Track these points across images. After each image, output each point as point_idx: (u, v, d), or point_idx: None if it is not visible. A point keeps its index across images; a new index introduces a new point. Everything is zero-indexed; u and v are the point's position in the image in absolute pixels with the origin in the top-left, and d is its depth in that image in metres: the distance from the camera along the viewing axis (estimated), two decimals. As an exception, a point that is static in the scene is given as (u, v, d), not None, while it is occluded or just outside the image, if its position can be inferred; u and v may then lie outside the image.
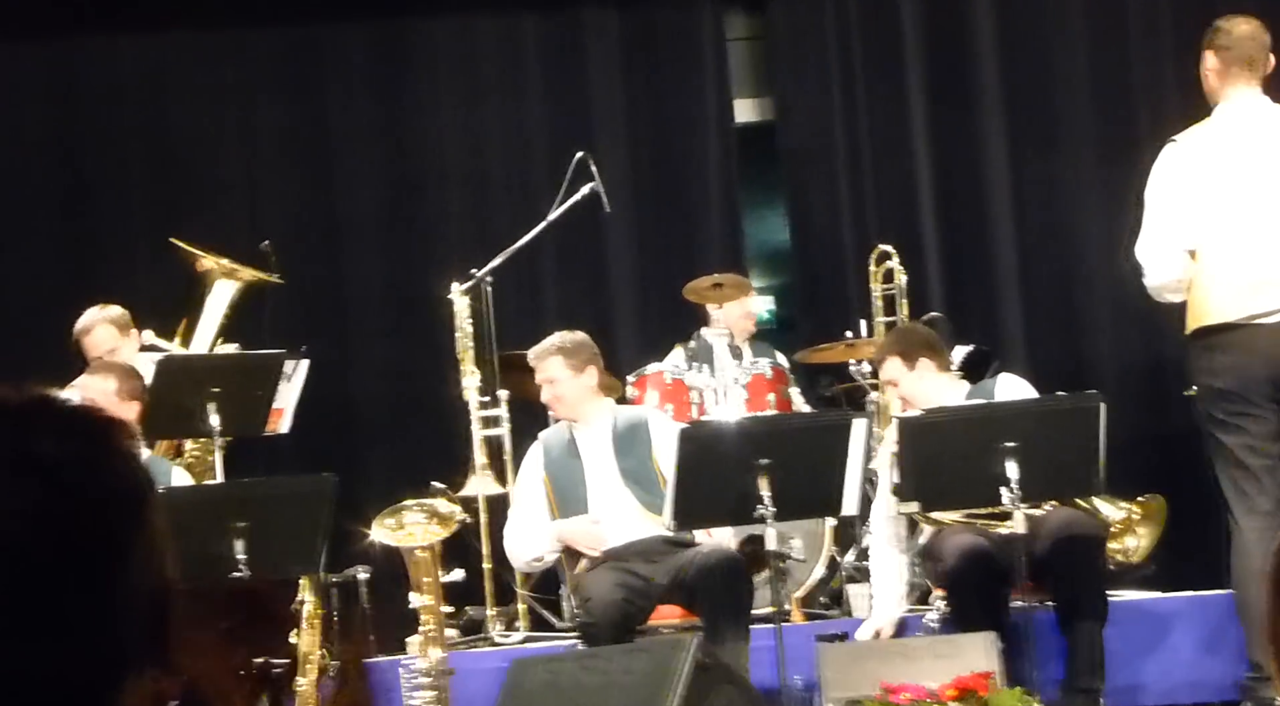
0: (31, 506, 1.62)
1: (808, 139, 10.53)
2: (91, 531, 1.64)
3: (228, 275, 8.47)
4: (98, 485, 1.66)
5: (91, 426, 1.69)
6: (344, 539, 7.34)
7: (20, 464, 1.63)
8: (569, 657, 6.60)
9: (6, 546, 1.61)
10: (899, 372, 7.51)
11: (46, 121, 9.97)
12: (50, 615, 1.63)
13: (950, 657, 6.61)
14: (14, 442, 1.64)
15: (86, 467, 1.66)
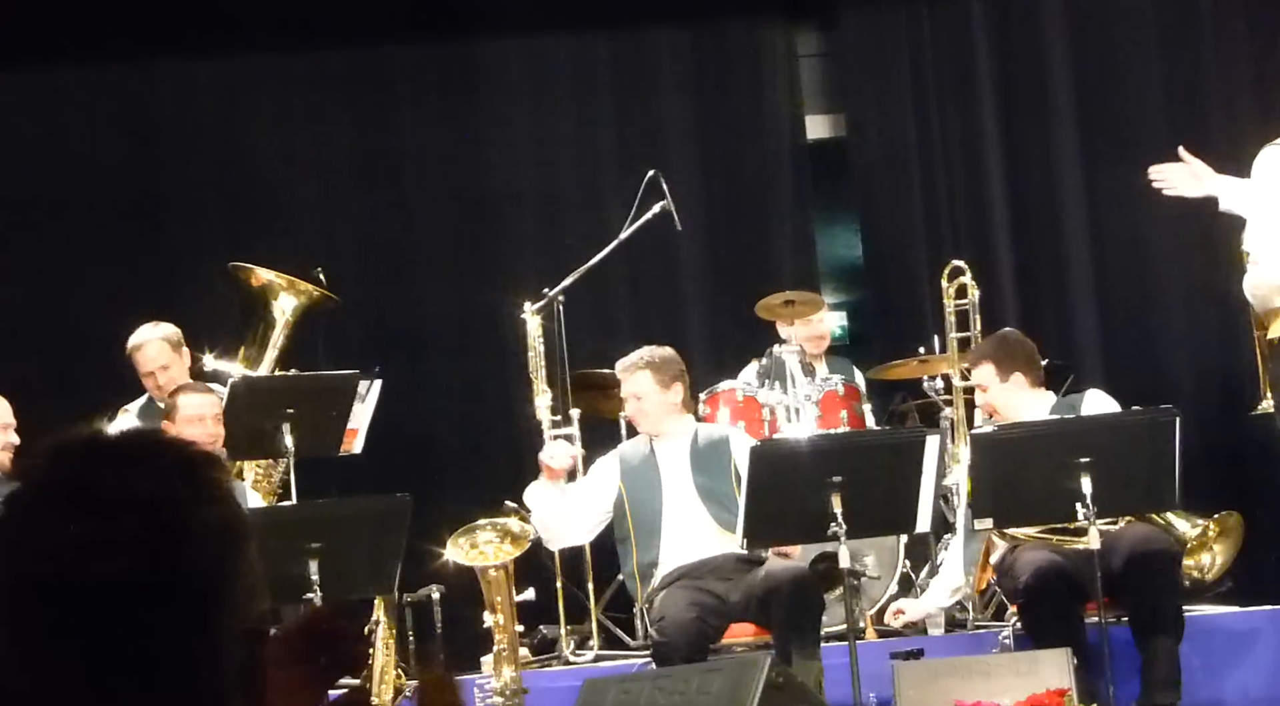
0: (131, 545, 1.64)
1: (880, 154, 10.50)
2: (189, 571, 1.66)
3: (288, 289, 8.49)
4: (197, 525, 1.68)
5: (191, 465, 1.71)
6: (418, 558, 7.36)
7: (121, 503, 1.65)
8: (643, 677, 6.58)
9: (105, 584, 1.63)
10: (990, 379, 7.49)
11: (122, 145, 10.05)
12: (146, 653, 1.65)
13: (1026, 675, 6.57)
14: (116, 481, 1.66)
15: (186, 507, 1.68)
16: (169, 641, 1.66)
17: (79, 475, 1.68)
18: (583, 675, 6.98)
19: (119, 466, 1.69)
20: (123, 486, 1.66)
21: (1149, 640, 6.97)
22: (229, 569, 1.70)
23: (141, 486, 1.67)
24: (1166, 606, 7.02)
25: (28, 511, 1.67)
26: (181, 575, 1.66)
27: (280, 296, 8.46)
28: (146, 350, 8.19)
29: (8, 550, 1.66)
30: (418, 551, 7.24)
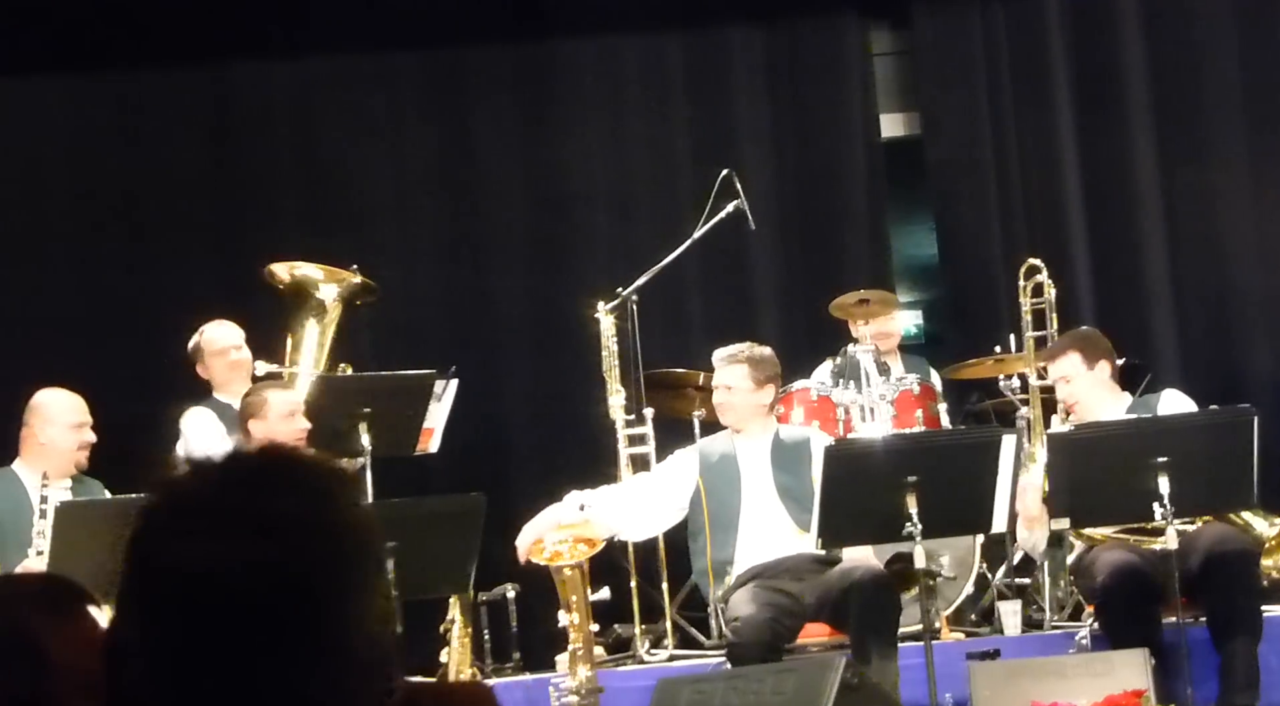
0: (264, 564, 1.66)
1: (955, 152, 10.47)
2: (321, 589, 1.68)
3: (326, 280, 8.50)
4: (329, 545, 1.70)
5: (328, 486, 1.73)
6: (493, 557, 7.38)
7: (256, 522, 1.67)
8: (717, 677, 6.57)
9: (240, 604, 1.65)
10: (1076, 370, 7.45)
11: (199, 147, 10.12)
12: (281, 669, 1.67)
13: (1103, 676, 6.54)
14: (251, 500, 1.68)
15: (319, 527, 1.69)
16: (294, 659, 1.68)
17: (214, 490, 1.70)
18: (657, 674, 6.98)
19: (254, 483, 1.71)
20: (255, 504, 1.69)
21: (1227, 641, 6.92)
22: (355, 586, 1.72)
23: (274, 505, 1.69)
24: (1245, 606, 6.97)
25: (161, 525, 1.70)
26: (309, 593, 1.68)
27: (318, 288, 8.48)
28: (223, 328, 8.21)
29: (141, 563, 1.69)
30: (493, 550, 7.25)
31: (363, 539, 1.73)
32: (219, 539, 1.66)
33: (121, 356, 9.44)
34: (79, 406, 7.37)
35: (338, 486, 1.74)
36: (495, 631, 8.38)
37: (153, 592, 1.68)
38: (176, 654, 1.66)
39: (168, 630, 1.66)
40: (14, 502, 7.22)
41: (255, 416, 7.44)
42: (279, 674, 1.67)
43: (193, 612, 1.65)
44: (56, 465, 7.24)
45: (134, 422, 8.58)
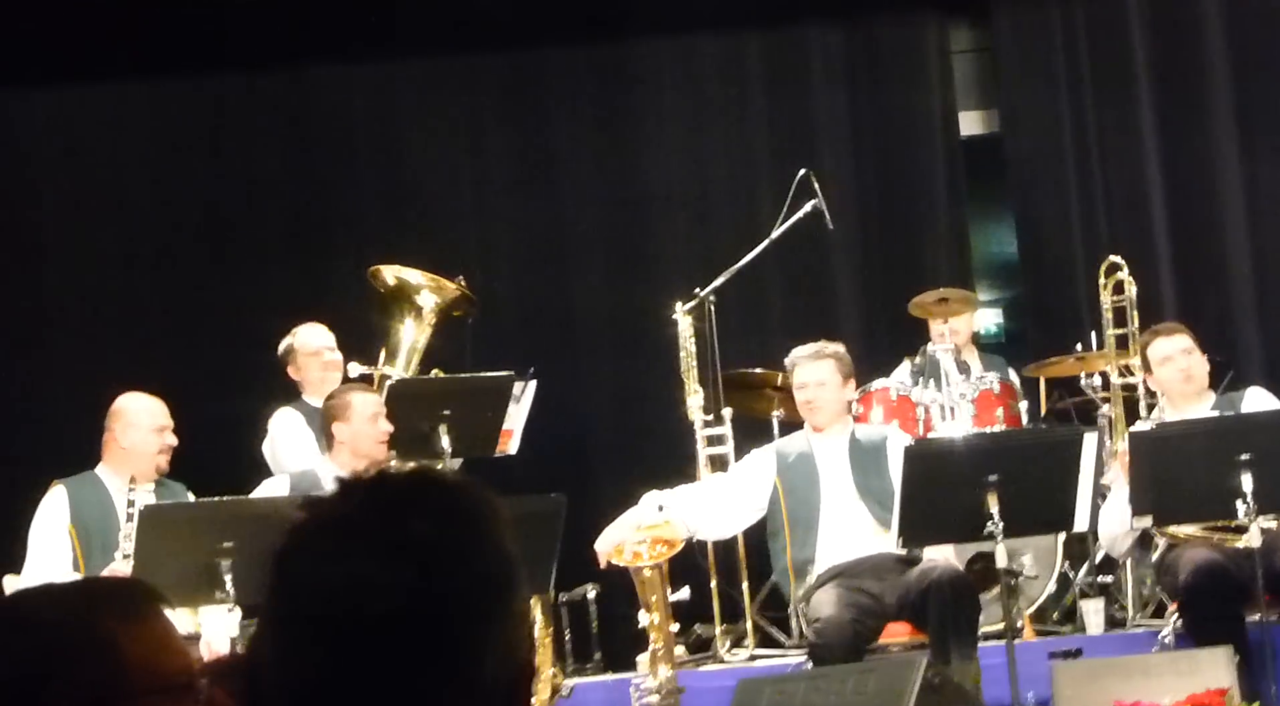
0: (404, 587, 1.68)
1: (1035, 149, 10.42)
2: (459, 616, 1.70)
3: (427, 287, 8.54)
4: (469, 570, 1.71)
5: (469, 510, 1.74)
6: (573, 558, 7.39)
7: (398, 545, 1.69)
8: (798, 677, 6.58)
9: (376, 626, 1.67)
10: (1193, 345, 7.45)
11: (280, 150, 10.19)
12: (415, 693, 1.69)
13: (1187, 674, 6.49)
14: (393, 524, 1.70)
15: (460, 552, 1.71)
16: (431, 680, 1.69)
17: (356, 510, 1.72)
18: (737, 674, 6.99)
19: (398, 507, 1.72)
20: (395, 525, 1.70)
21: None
22: (493, 616, 1.73)
23: (417, 529, 1.70)
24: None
25: (304, 543, 1.72)
26: (444, 620, 1.69)
27: (419, 294, 8.51)
28: (313, 331, 8.28)
29: (285, 581, 1.72)
30: (573, 550, 7.27)
31: (503, 567, 1.74)
32: (356, 559, 1.68)
33: (205, 360, 9.52)
34: (160, 410, 7.43)
35: (481, 512, 1.75)
36: (576, 631, 8.40)
37: (291, 610, 1.71)
38: (310, 672, 1.69)
39: (303, 647, 1.69)
40: (99, 508, 7.29)
41: (339, 419, 7.48)
42: (410, 696, 1.69)
43: (327, 631, 1.68)
44: (138, 469, 7.29)
45: (217, 426, 8.67)
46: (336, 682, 1.69)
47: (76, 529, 7.22)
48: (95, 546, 7.17)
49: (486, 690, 1.73)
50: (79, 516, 7.25)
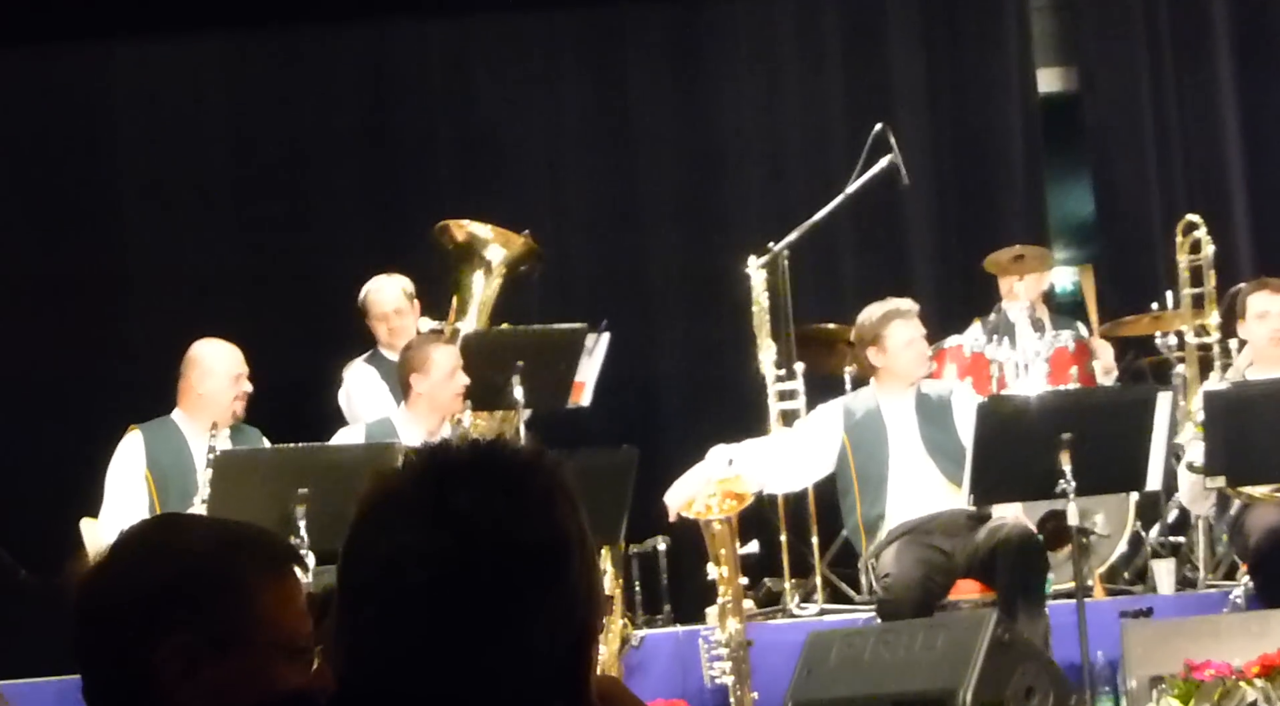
0: (443, 557, 1.74)
1: (1113, 108, 10.35)
2: (498, 585, 1.75)
3: (495, 241, 8.55)
4: (510, 541, 1.75)
5: (517, 482, 1.79)
6: (644, 510, 7.42)
7: (437, 516, 1.75)
8: (868, 632, 6.60)
9: (417, 594, 1.74)
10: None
11: (356, 103, 10.22)
12: (457, 660, 1.74)
13: (1258, 635, 6.47)
14: (437, 496, 1.76)
15: (500, 523, 1.75)
16: (472, 647, 1.74)
17: (411, 486, 1.79)
18: (806, 628, 7.01)
19: (445, 480, 1.78)
20: (445, 500, 1.76)
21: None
22: (537, 585, 1.76)
23: (459, 501, 1.75)
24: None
25: (367, 517, 1.80)
26: (482, 589, 1.74)
27: (487, 248, 8.53)
28: (385, 292, 8.35)
29: (348, 552, 1.81)
30: (644, 503, 7.30)
31: (552, 538, 1.78)
32: (401, 530, 1.75)
33: (282, 311, 9.57)
34: (237, 357, 7.48)
35: (532, 484, 1.79)
36: (646, 584, 8.42)
37: (348, 581, 1.78)
38: (365, 635, 1.76)
39: (360, 613, 1.77)
40: (175, 454, 7.35)
41: (418, 371, 7.52)
42: (453, 661, 1.74)
43: (376, 598, 1.75)
44: (215, 415, 7.35)
45: (295, 377, 8.74)
46: (380, 649, 1.75)
47: (153, 474, 7.30)
48: (172, 492, 7.24)
49: (539, 655, 1.76)
50: (155, 462, 7.32)
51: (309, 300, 9.45)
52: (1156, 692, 6.15)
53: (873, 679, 6.05)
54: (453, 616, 1.73)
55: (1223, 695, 5.73)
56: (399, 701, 1.74)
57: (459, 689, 1.74)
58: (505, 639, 1.74)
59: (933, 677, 5.90)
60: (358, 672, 1.77)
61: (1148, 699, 6.28)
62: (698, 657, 7.21)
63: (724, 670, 7.04)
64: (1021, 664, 5.97)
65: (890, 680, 6.00)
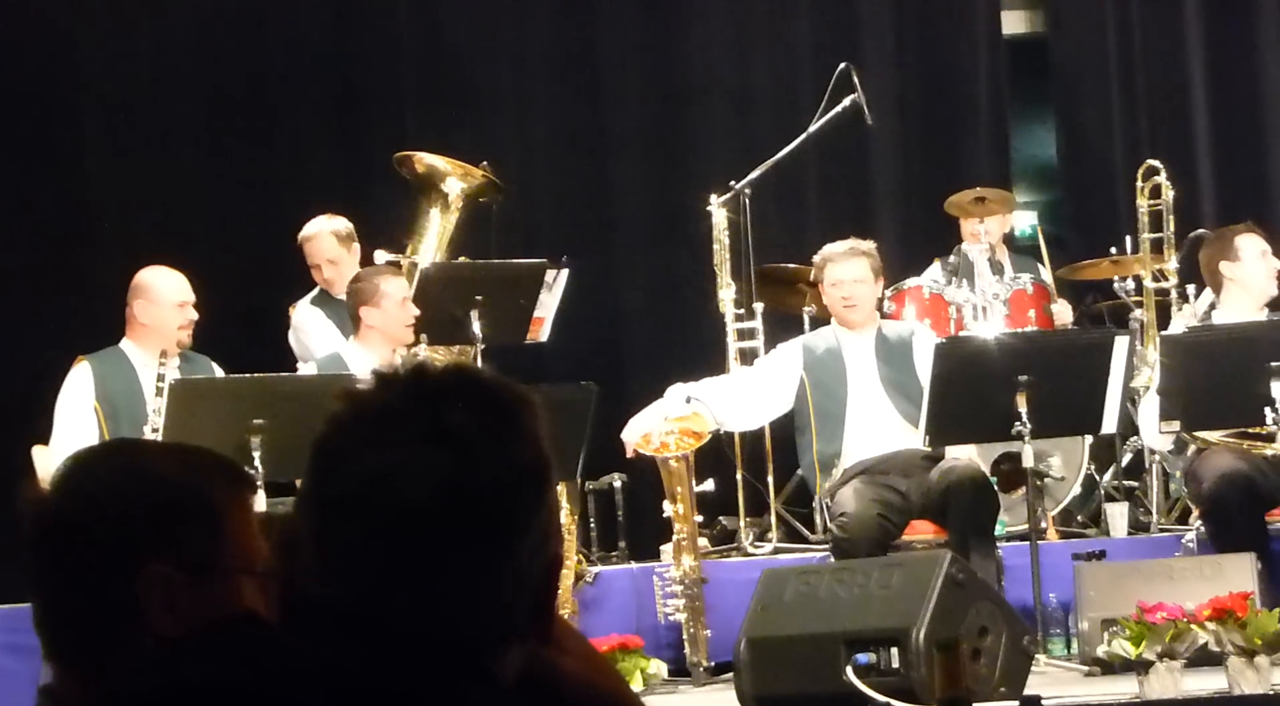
0: (440, 477, 1.72)
1: (1079, 51, 10.35)
2: (494, 506, 1.74)
3: (454, 174, 8.50)
4: (505, 463, 1.75)
5: (506, 405, 1.79)
6: (602, 447, 7.42)
7: (434, 435, 1.73)
8: (823, 570, 6.60)
9: (412, 511, 1.72)
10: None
11: (322, 31, 10.12)
12: (443, 579, 1.73)
13: (1211, 579, 6.50)
14: (432, 414, 1.75)
15: (496, 445, 1.75)
16: (459, 568, 1.73)
17: (397, 400, 1.76)
18: (761, 566, 7.02)
19: (438, 397, 1.76)
20: (437, 417, 1.74)
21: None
22: (526, 510, 1.77)
23: (456, 419, 1.74)
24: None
25: (347, 431, 1.77)
26: (480, 508, 1.73)
27: (445, 181, 8.49)
28: (317, 242, 8.32)
29: (324, 465, 1.77)
30: (602, 440, 7.30)
31: (538, 461, 1.78)
32: (395, 445, 1.73)
33: (243, 242, 9.51)
34: (182, 284, 7.42)
35: (519, 407, 1.79)
36: (602, 520, 8.44)
37: (331, 493, 1.75)
38: (345, 552, 1.74)
39: (340, 529, 1.74)
40: (124, 382, 7.30)
41: (368, 303, 7.49)
42: (434, 576, 1.73)
43: (364, 514, 1.73)
44: (161, 344, 7.30)
45: (254, 306, 8.70)
46: (369, 564, 1.73)
47: (102, 405, 7.25)
48: (123, 421, 7.20)
49: (519, 579, 1.77)
50: (104, 392, 7.27)
51: (270, 231, 9.40)
52: (1108, 634, 6.16)
53: (827, 616, 6.06)
54: (448, 534, 1.72)
55: (1174, 637, 5.74)
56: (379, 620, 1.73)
57: (445, 608, 1.74)
58: (494, 560, 1.74)
59: (887, 615, 5.91)
60: (335, 588, 1.74)
61: (1099, 640, 6.30)
62: (652, 594, 7.22)
63: (678, 607, 7.06)
64: (975, 603, 5.97)
65: (845, 617, 6.01)
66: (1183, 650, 5.77)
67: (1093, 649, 6.43)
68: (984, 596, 6.08)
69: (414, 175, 8.51)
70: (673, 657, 7.11)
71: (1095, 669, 6.41)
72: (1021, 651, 5.98)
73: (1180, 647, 5.76)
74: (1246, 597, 5.94)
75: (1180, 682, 5.79)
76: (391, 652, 1.72)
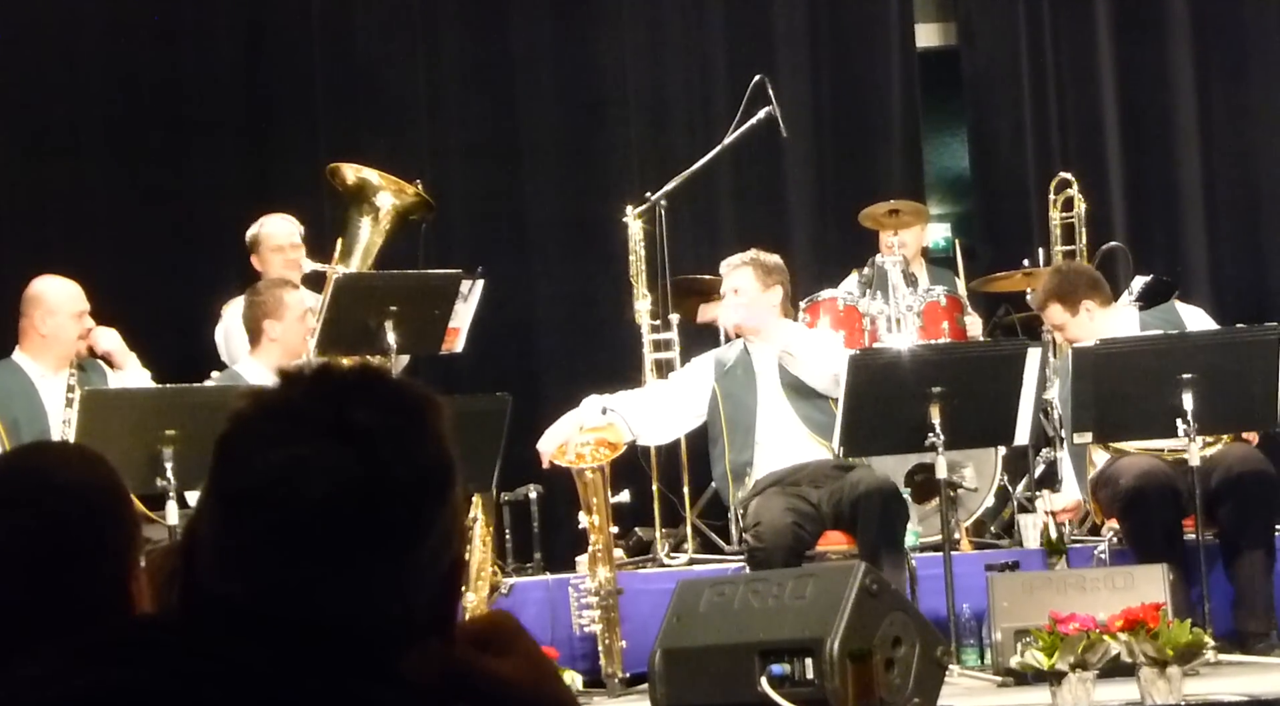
0: (343, 474, 1.71)
1: (991, 64, 10.43)
2: (397, 505, 1.73)
3: (385, 188, 8.47)
4: (410, 462, 1.74)
5: (411, 405, 1.77)
6: (517, 458, 7.41)
7: (340, 432, 1.72)
8: (737, 580, 6.60)
9: (313, 507, 1.70)
10: (1062, 318, 7.47)
11: (234, 43, 10.06)
12: (347, 575, 1.72)
13: (1123, 589, 6.55)
14: (336, 411, 1.73)
15: (401, 444, 1.74)
16: (361, 566, 1.72)
17: (302, 398, 1.76)
18: (676, 577, 7.02)
19: (342, 395, 1.76)
20: (341, 414, 1.73)
21: (1242, 563, 6.96)
22: (429, 509, 1.76)
23: (360, 417, 1.73)
24: (1261, 529, 6.99)
25: (250, 428, 1.76)
26: (382, 507, 1.72)
27: (377, 195, 8.46)
28: (282, 225, 8.24)
29: (226, 462, 1.75)
30: (517, 450, 7.28)
31: (442, 462, 1.77)
32: (298, 442, 1.72)
33: (154, 250, 9.43)
34: (79, 294, 7.35)
35: (424, 407, 1.78)
36: (517, 531, 8.41)
37: (233, 490, 1.74)
38: (245, 549, 1.72)
39: (241, 525, 1.73)
40: (23, 396, 7.22)
41: (271, 316, 7.46)
42: (337, 572, 1.72)
43: (265, 510, 1.71)
44: (59, 354, 7.23)
45: (166, 316, 8.63)
46: (270, 561, 1.72)
47: (4, 419, 7.17)
48: (25, 434, 7.10)
49: (420, 580, 1.76)
50: (3, 406, 7.19)
51: (183, 240, 9.33)
52: (1021, 645, 6.20)
53: (741, 626, 6.06)
54: (350, 532, 1.71)
55: (1087, 648, 5.78)
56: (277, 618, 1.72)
57: (344, 606, 1.72)
58: (396, 559, 1.73)
59: (801, 626, 5.92)
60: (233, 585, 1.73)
61: (1013, 651, 6.33)
62: (567, 605, 7.21)
63: (593, 618, 7.05)
64: (889, 614, 5.98)
65: (759, 628, 6.01)
66: (1095, 661, 5.80)
67: (1006, 659, 6.46)
68: (898, 607, 6.10)
69: (344, 186, 8.48)
70: (588, 669, 7.09)
71: (1008, 679, 6.44)
72: (935, 662, 5.99)
73: (1093, 658, 5.80)
74: (1158, 608, 5.99)
75: (1092, 693, 5.82)
76: (289, 651, 1.71)
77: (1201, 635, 5.93)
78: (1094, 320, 7.42)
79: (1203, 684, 6.08)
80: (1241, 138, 10.01)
